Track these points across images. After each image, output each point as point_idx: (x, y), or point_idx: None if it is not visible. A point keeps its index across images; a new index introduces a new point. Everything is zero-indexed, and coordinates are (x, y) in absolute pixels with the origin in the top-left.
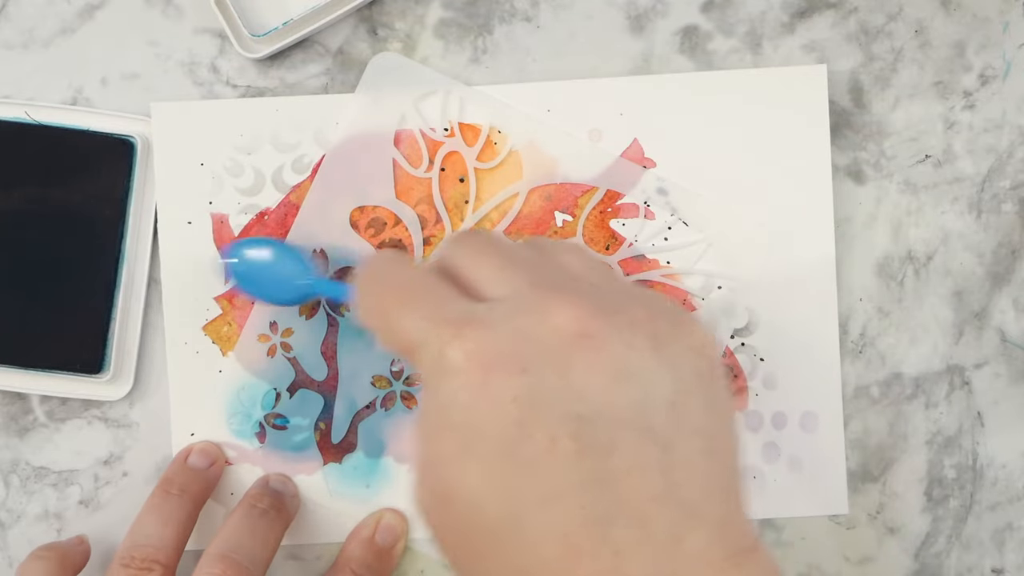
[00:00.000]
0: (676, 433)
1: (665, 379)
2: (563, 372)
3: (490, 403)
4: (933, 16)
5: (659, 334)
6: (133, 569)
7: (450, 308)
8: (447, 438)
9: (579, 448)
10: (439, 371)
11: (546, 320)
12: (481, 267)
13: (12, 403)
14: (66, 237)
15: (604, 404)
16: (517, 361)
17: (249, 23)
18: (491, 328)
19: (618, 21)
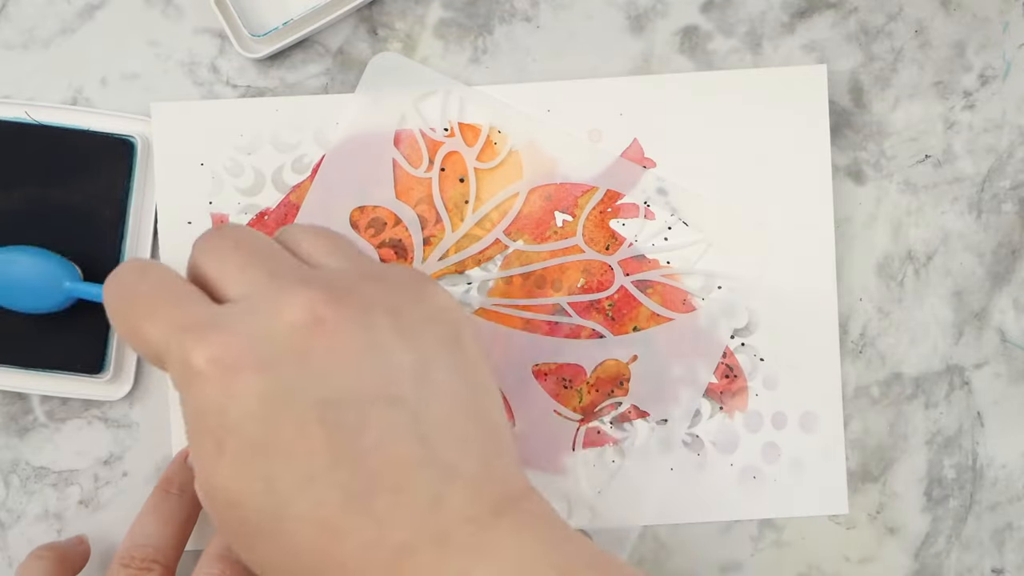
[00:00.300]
0: (425, 399)
1: (407, 350)
2: (303, 362)
3: (236, 404)
4: (933, 16)
5: (397, 308)
6: (133, 569)
7: (191, 313)
8: (203, 440)
9: (328, 431)
10: (186, 378)
11: (280, 315)
12: (224, 266)
13: (12, 403)
14: (66, 237)
15: (349, 385)
16: (257, 359)
17: (249, 23)
18: (229, 330)
19: (618, 21)
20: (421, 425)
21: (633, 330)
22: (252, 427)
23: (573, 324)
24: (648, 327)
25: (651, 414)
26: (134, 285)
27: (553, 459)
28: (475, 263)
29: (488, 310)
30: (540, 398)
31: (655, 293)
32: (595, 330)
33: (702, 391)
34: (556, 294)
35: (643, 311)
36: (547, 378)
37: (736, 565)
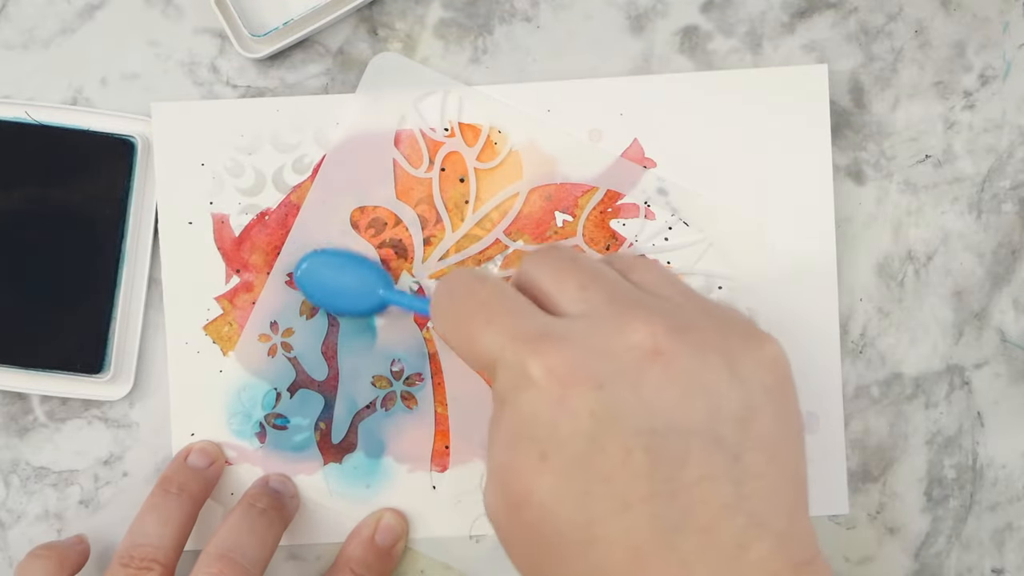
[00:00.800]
0: (745, 445)
1: (735, 393)
2: (637, 387)
3: (567, 417)
4: (933, 16)
5: (730, 350)
6: (132, 569)
7: (529, 323)
8: (525, 449)
9: (651, 460)
10: (518, 385)
11: (622, 337)
12: (561, 283)
13: (12, 403)
14: (66, 237)
15: (676, 418)
16: (593, 376)
17: (249, 23)
18: (569, 344)
19: (618, 21)
20: (738, 470)
21: None
22: (579, 443)
23: None
24: None
25: None
26: (471, 292)
27: None
28: (475, 263)
29: None
30: None
31: None
32: None
33: None
34: None
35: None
36: None
37: None
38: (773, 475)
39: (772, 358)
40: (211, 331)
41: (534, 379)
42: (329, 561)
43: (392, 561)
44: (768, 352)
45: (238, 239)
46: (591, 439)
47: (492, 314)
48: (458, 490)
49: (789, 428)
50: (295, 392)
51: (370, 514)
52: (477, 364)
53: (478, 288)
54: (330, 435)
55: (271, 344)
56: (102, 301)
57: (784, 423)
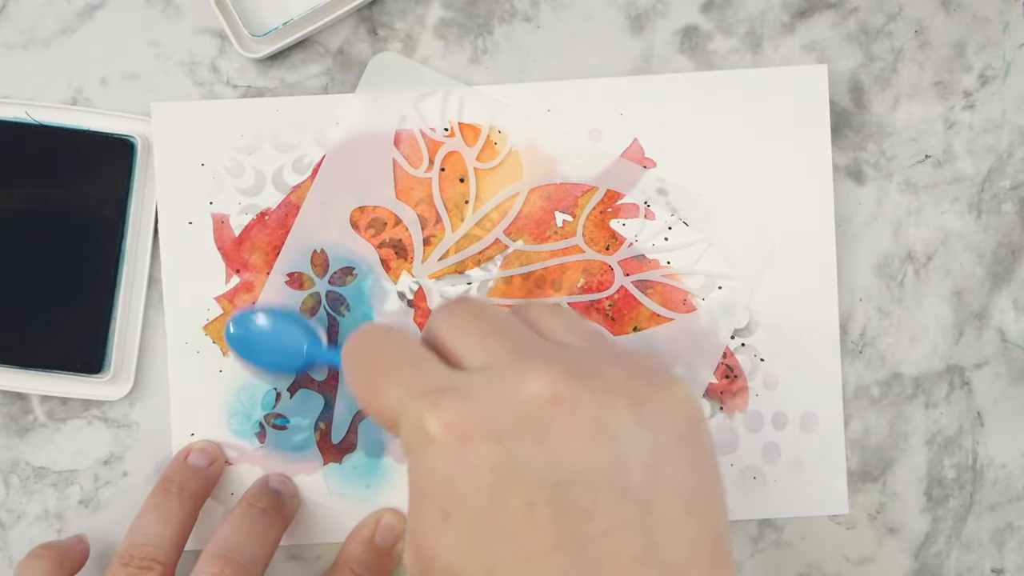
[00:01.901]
0: (655, 493)
1: (643, 440)
2: (539, 438)
3: (467, 472)
4: (933, 16)
5: (637, 395)
6: (132, 568)
7: (429, 378)
8: (428, 507)
9: (555, 513)
10: (418, 442)
11: (521, 387)
12: (464, 336)
13: (12, 403)
14: (66, 237)
15: (581, 468)
16: (493, 430)
17: (249, 23)
18: (468, 397)
19: (618, 21)
20: (649, 520)
21: (633, 330)
22: (480, 499)
23: None
24: (648, 327)
25: None
26: (375, 347)
27: None
28: (475, 263)
29: None
30: None
31: (655, 293)
32: None
33: (702, 391)
34: (556, 294)
35: (643, 311)
36: None
37: (736, 565)
38: (689, 524)
39: (681, 401)
40: (211, 331)
41: (432, 434)
42: (329, 561)
43: (392, 561)
44: (677, 396)
45: (238, 239)
46: (492, 494)
47: (394, 369)
48: None
49: (705, 475)
50: (295, 392)
51: (370, 514)
52: (382, 419)
53: (384, 343)
54: (330, 435)
55: None
56: (102, 301)
57: (699, 470)
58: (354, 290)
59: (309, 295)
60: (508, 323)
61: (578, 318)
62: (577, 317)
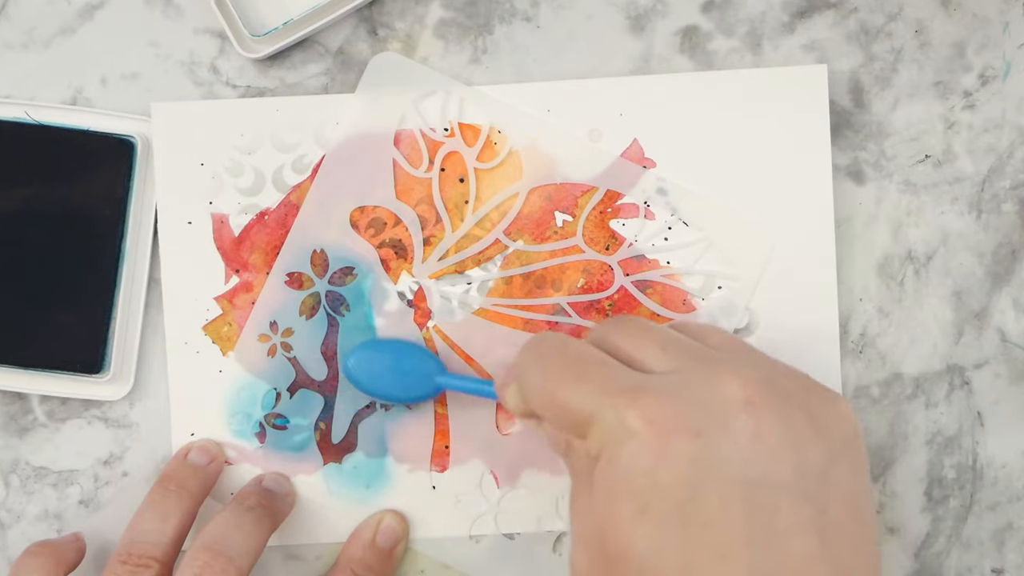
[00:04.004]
0: (828, 498)
1: (819, 447)
2: (732, 437)
3: (668, 465)
4: (933, 16)
5: (810, 405)
6: (130, 566)
7: (623, 378)
8: (623, 502)
9: (747, 509)
10: (617, 437)
11: (716, 388)
12: (643, 346)
13: (12, 403)
14: (66, 237)
15: (767, 469)
16: (691, 426)
17: (249, 23)
18: (665, 395)
19: (618, 21)
20: (823, 522)
21: None
22: (679, 491)
23: (573, 324)
24: None
25: None
26: (557, 353)
27: (553, 459)
28: (475, 263)
29: (488, 310)
30: None
31: (655, 293)
32: None
33: None
34: (556, 294)
35: (643, 311)
36: None
37: None
38: (854, 529)
39: (846, 415)
40: (211, 331)
41: (634, 430)
42: (329, 561)
43: (393, 562)
44: (842, 409)
45: (238, 239)
46: (691, 487)
47: (584, 371)
48: (458, 490)
49: (865, 484)
50: (295, 392)
51: (371, 515)
52: (569, 422)
53: (566, 349)
54: (330, 435)
55: (271, 344)
56: (102, 301)
57: (860, 479)
58: (354, 290)
59: (309, 295)
60: (679, 336)
61: (735, 336)
62: (733, 335)
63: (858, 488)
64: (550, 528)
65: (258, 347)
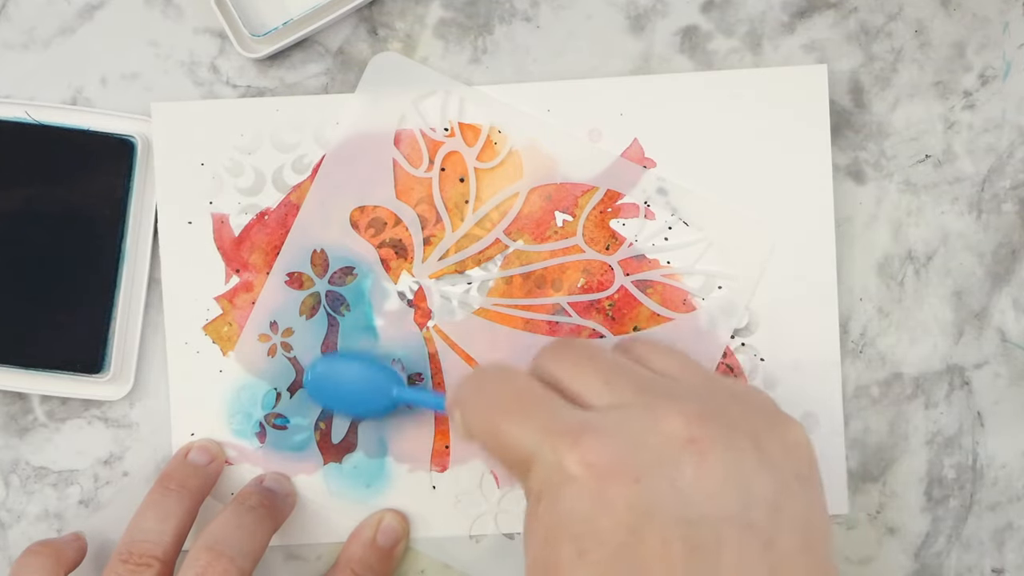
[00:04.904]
0: (777, 531)
1: (766, 479)
2: (673, 477)
3: (606, 511)
4: (933, 16)
5: (758, 434)
6: (131, 565)
7: (563, 417)
8: (563, 546)
9: (688, 550)
10: (557, 481)
11: (657, 427)
12: (585, 377)
13: (12, 403)
14: (66, 237)
15: (710, 507)
16: (631, 469)
17: (249, 23)
18: (606, 436)
19: (618, 21)
20: (772, 556)
21: (633, 330)
22: (618, 536)
23: (573, 324)
24: (648, 327)
25: None
26: (497, 390)
27: None
28: (475, 263)
29: (488, 310)
30: None
31: (655, 293)
32: (595, 330)
33: None
34: (556, 294)
35: (643, 311)
36: None
37: None
38: (808, 561)
39: (798, 442)
40: (211, 331)
41: (573, 474)
42: (329, 561)
43: (393, 562)
44: (793, 436)
45: (238, 239)
46: (630, 531)
47: (523, 409)
48: (458, 490)
49: (820, 515)
50: (295, 392)
51: (371, 515)
52: (507, 459)
53: (508, 384)
54: (330, 435)
55: (271, 344)
56: (102, 301)
57: (814, 510)
58: (354, 290)
59: (309, 295)
60: (623, 362)
61: (684, 354)
62: (683, 353)
63: (812, 517)
64: None
65: (258, 347)
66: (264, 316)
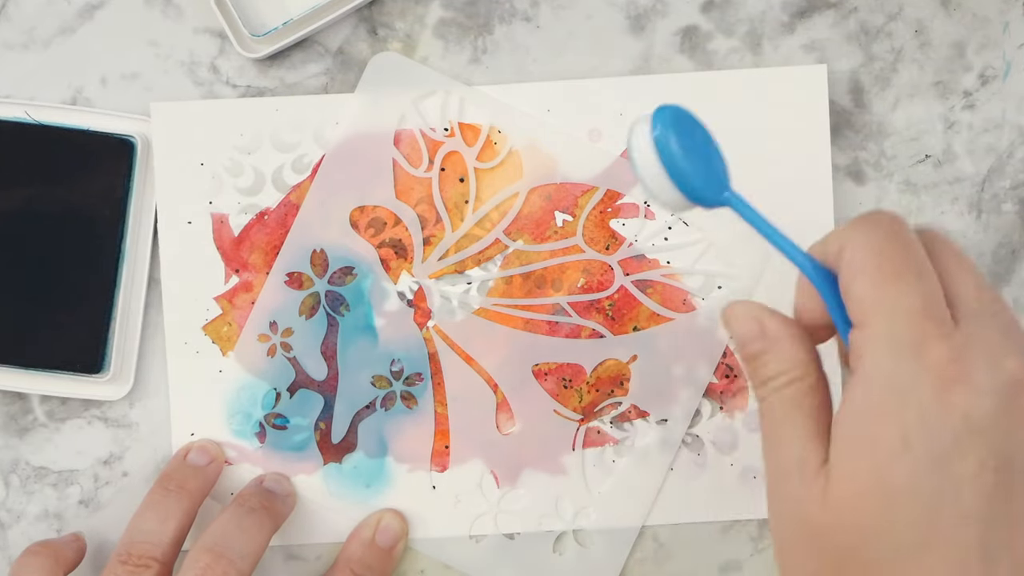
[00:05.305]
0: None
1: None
2: (1005, 409)
3: (943, 411)
4: (933, 16)
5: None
6: (130, 566)
7: (939, 309)
8: (890, 425)
9: (996, 482)
10: (906, 359)
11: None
12: (963, 280)
13: (12, 403)
14: (66, 237)
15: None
16: (976, 384)
17: (249, 23)
18: (970, 346)
19: (618, 21)
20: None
21: (633, 330)
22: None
23: (573, 324)
24: (648, 327)
25: (651, 414)
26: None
27: (553, 459)
28: (475, 263)
29: (488, 310)
30: (540, 398)
31: (655, 293)
32: (595, 330)
33: (702, 391)
34: (556, 294)
35: (643, 311)
36: (547, 378)
37: (736, 565)
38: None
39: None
40: (210, 331)
41: (928, 364)
42: (329, 561)
43: (392, 561)
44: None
45: (237, 239)
46: (956, 441)
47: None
48: (458, 490)
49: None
50: (295, 392)
51: (370, 514)
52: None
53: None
54: (330, 435)
55: (270, 344)
56: (102, 301)
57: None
58: (354, 290)
59: (309, 295)
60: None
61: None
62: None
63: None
64: (550, 528)
65: (258, 347)
66: (264, 316)
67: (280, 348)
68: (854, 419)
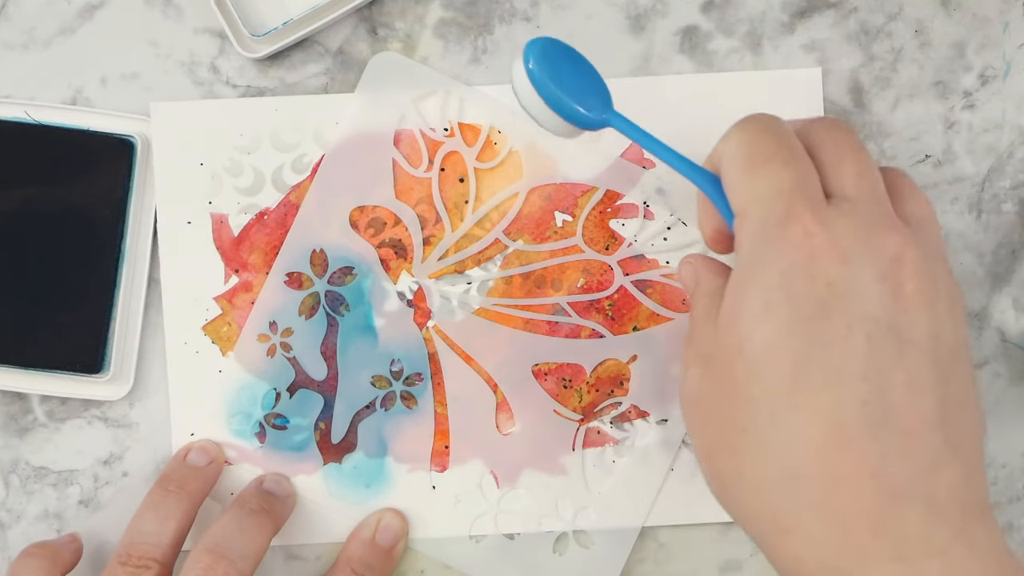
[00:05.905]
0: (953, 372)
1: (954, 332)
2: (878, 278)
3: (806, 279)
4: (933, 16)
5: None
6: (130, 567)
7: (814, 187)
8: (756, 293)
9: (870, 347)
10: (774, 236)
11: (878, 234)
12: (843, 162)
13: (12, 403)
14: (66, 237)
15: (904, 320)
16: (843, 253)
17: (249, 23)
18: (840, 221)
19: (618, 21)
20: (943, 391)
21: (633, 330)
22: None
23: (573, 324)
24: (648, 327)
25: (651, 414)
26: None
27: (553, 459)
28: (475, 263)
29: (488, 310)
30: (540, 398)
31: (655, 293)
32: (595, 330)
33: None
34: (556, 294)
35: (643, 311)
36: (547, 378)
37: (736, 565)
38: (969, 409)
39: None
40: (210, 331)
41: (791, 234)
42: (329, 561)
43: (392, 561)
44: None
45: (237, 239)
46: (820, 305)
47: (791, 161)
48: (458, 490)
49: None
50: (295, 392)
51: (370, 514)
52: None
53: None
54: (330, 435)
55: (270, 344)
56: (102, 301)
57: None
58: (353, 290)
59: (308, 295)
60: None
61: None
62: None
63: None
64: (550, 528)
65: (258, 347)
66: (263, 316)
67: (280, 348)
68: (727, 298)
